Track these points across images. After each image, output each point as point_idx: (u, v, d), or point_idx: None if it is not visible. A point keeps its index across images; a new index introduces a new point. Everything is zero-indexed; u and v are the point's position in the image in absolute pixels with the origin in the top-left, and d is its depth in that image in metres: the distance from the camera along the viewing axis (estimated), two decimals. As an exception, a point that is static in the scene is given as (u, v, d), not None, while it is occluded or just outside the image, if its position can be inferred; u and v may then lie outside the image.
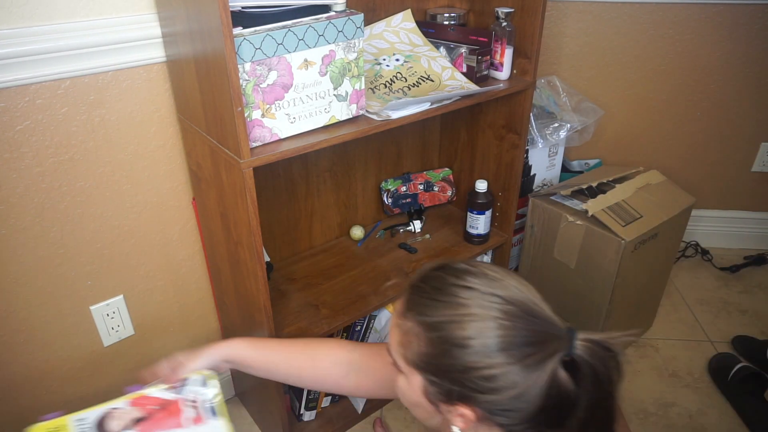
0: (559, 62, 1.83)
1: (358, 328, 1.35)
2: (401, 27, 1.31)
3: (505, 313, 0.64)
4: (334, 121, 1.03)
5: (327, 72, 0.97)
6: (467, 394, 0.65)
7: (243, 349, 0.90)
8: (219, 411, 0.83)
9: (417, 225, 1.49)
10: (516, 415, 0.65)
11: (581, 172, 1.84)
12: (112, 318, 1.24)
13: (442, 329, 0.65)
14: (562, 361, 0.63)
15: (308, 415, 1.42)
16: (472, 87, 1.20)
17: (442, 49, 1.28)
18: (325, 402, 1.46)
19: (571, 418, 0.64)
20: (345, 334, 1.33)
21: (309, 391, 1.36)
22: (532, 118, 1.60)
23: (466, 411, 0.66)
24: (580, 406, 0.63)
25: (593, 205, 1.42)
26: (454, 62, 1.26)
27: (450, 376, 0.66)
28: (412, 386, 0.71)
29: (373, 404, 1.49)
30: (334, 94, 1.00)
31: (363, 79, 1.02)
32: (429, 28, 1.33)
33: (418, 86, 1.20)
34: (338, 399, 1.48)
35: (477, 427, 0.68)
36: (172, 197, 1.23)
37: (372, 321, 1.36)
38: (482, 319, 0.64)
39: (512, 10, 1.25)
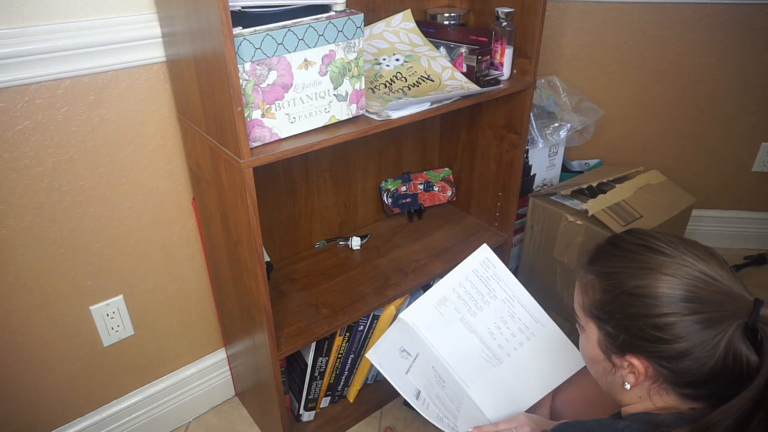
0: (559, 62, 1.83)
1: (361, 327, 1.34)
2: (401, 27, 1.31)
3: (678, 270, 0.65)
4: (334, 121, 1.03)
5: (327, 72, 0.97)
6: (636, 343, 0.67)
7: None
8: None
9: (356, 242, 1.48)
10: (686, 374, 0.65)
11: (581, 172, 1.84)
12: (112, 318, 1.24)
13: (615, 278, 0.69)
14: (744, 329, 0.62)
15: (307, 416, 1.42)
16: (472, 87, 1.20)
17: (442, 49, 1.28)
18: (324, 402, 1.46)
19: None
20: (348, 334, 1.33)
21: (309, 391, 1.36)
22: (532, 118, 1.60)
23: (636, 362, 0.68)
24: (761, 381, 0.61)
25: (593, 205, 1.42)
26: (454, 62, 1.26)
27: (621, 323, 0.68)
28: (589, 339, 0.75)
29: (373, 404, 1.49)
30: (334, 94, 1.00)
31: (363, 79, 1.02)
32: (429, 28, 1.33)
33: (418, 86, 1.20)
34: (337, 399, 1.48)
35: (649, 388, 0.70)
36: (172, 197, 1.23)
37: (375, 321, 1.36)
38: (656, 271, 0.66)
39: (512, 10, 1.25)
